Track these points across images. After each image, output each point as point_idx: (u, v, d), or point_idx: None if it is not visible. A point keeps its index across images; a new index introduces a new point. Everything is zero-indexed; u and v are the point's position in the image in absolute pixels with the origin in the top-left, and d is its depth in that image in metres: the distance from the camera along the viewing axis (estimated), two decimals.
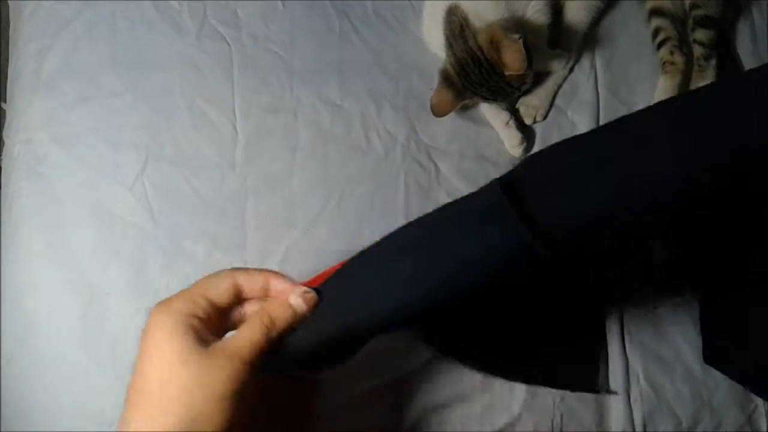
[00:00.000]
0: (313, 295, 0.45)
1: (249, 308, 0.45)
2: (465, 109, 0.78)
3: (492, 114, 0.78)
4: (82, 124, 0.76)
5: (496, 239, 0.43)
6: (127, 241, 0.72)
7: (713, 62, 0.79)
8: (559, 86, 0.80)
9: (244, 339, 0.41)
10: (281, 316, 0.43)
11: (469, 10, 0.72)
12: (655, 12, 0.81)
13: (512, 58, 0.68)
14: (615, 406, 0.72)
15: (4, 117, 0.80)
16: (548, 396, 0.71)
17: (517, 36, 0.67)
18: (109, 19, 0.79)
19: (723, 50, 0.80)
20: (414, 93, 0.79)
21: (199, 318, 0.41)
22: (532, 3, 0.75)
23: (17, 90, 0.78)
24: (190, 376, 0.39)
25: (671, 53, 0.78)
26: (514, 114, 0.78)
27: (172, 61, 0.78)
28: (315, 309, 0.45)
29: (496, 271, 0.45)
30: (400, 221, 0.73)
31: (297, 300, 0.44)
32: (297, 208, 0.75)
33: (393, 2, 0.81)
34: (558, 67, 0.79)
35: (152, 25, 0.79)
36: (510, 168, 0.48)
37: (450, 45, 0.73)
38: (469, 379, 0.70)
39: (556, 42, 0.80)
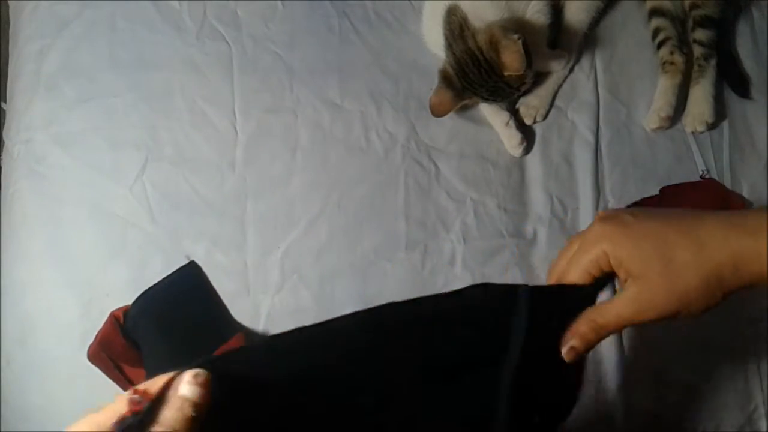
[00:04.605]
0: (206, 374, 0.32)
1: None
2: (465, 109, 0.78)
3: (492, 114, 0.78)
4: (82, 124, 0.76)
5: None
6: (127, 241, 0.72)
7: (713, 62, 0.79)
8: (559, 86, 0.80)
9: None
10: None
11: (469, 10, 0.72)
12: (655, 12, 0.81)
13: (511, 59, 0.68)
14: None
15: (4, 117, 0.80)
16: None
17: (516, 36, 0.67)
18: (109, 19, 0.79)
19: (723, 50, 0.80)
20: (414, 93, 0.79)
21: None
22: (532, 3, 0.75)
23: (17, 90, 0.78)
24: None
25: (671, 53, 0.78)
26: (514, 114, 0.78)
27: (172, 61, 0.78)
28: None
29: None
30: (400, 221, 0.75)
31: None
32: (297, 208, 0.75)
33: (393, 2, 0.81)
34: (558, 68, 0.79)
35: (152, 25, 0.79)
36: (509, 168, 0.46)
37: (449, 45, 0.73)
38: None
39: (556, 42, 0.80)
